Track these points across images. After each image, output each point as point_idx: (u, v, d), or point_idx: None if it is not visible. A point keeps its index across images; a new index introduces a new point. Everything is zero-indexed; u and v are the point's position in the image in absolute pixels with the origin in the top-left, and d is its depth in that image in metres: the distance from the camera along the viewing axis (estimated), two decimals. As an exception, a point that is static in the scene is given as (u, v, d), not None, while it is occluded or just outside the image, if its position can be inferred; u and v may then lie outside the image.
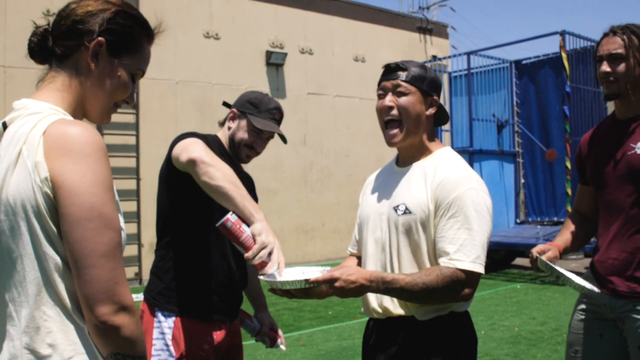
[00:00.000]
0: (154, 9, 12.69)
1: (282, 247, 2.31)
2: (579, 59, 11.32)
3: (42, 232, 1.47)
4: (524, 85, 13.13)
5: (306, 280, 2.17)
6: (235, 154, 3.02)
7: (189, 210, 2.79)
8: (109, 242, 1.47)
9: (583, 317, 2.96)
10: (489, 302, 8.94)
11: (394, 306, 2.37)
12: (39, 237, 1.47)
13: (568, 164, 10.62)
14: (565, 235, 3.03)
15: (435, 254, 2.30)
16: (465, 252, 2.22)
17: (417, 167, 2.44)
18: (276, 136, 3.06)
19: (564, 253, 2.92)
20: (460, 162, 2.41)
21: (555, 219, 12.65)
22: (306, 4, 15.13)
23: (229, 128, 3.04)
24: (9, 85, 10.55)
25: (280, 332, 3.27)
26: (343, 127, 15.57)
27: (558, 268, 2.67)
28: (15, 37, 10.24)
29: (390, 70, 2.43)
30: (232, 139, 3.01)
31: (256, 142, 2.99)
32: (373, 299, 2.44)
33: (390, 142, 2.45)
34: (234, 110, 3.04)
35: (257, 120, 2.95)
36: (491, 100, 13.00)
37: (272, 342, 3.22)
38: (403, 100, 2.38)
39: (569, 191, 10.63)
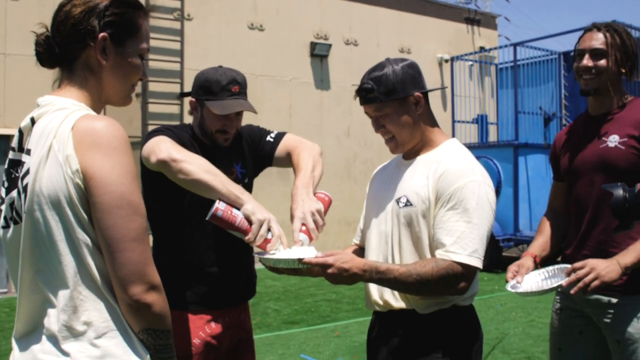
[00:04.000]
0: (199, 0, 12.84)
1: (324, 238, 2.29)
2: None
3: (74, 219, 1.59)
4: (573, 77, 12.70)
5: (299, 260, 2.14)
6: (213, 142, 2.84)
7: (169, 206, 2.73)
8: (138, 227, 1.60)
9: (561, 315, 2.98)
10: (530, 298, 8.79)
11: (395, 299, 2.35)
12: (72, 224, 1.59)
13: (616, 159, 10.34)
14: (540, 240, 3.05)
15: (434, 247, 2.27)
16: (462, 245, 2.17)
17: (422, 159, 2.41)
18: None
19: (543, 258, 2.94)
20: (464, 154, 2.37)
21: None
22: (351, -5, 15.07)
23: (196, 118, 2.89)
24: (8, 73, 10.78)
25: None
26: (387, 119, 15.47)
27: (532, 287, 2.65)
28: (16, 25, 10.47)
29: (362, 95, 2.37)
30: (202, 128, 2.85)
31: (226, 125, 2.80)
32: (374, 291, 2.42)
33: (392, 152, 2.50)
34: (192, 100, 2.88)
35: (215, 105, 2.74)
36: (538, 92, 12.77)
37: None
38: (387, 121, 2.37)
39: (616, 186, 10.35)
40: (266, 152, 2.97)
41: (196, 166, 2.37)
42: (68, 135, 1.59)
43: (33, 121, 1.69)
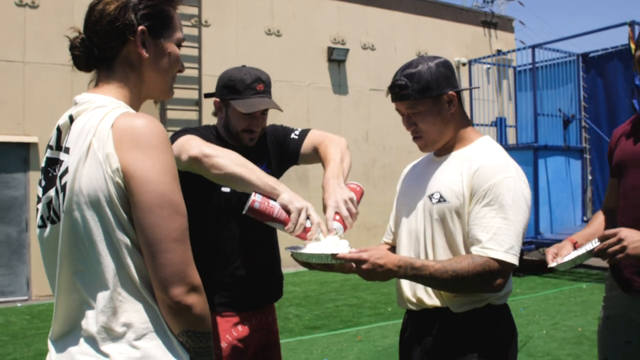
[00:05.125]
0: (216, 6, 12.88)
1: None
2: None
3: (114, 219, 1.56)
4: (592, 79, 12.74)
5: (332, 256, 2.10)
6: (239, 142, 2.82)
7: (195, 208, 2.65)
8: (179, 227, 1.57)
9: (607, 324, 2.87)
10: (553, 301, 8.72)
11: (428, 297, 2.31)
12: (111, 224, 1.56)
13: (637, 160, 10.24)
14: (586, 231, 2.89)
15: (468, 243, 2.24)
16: (498, 241, 2.14)
17: (455, 156, 2.39)
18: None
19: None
20: (499, 150, 2.35)
21: (624, 216, 12.24)
22: (367, 0, 15.06)
23: (221, 119, 2.88)
24: (27, 81, 10.79)
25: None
26: (405, 123, 15.43)
27: (568, 258, 2.54)
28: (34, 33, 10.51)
29: (394, 92, 2.35)
30: (227, 129, 2.83)
31: (252, 124, 2.79)
32: (407, 289, 2.39)
33: (421, 150, 2.47)
34: (216, 100, 2.86)
35: (240, 104, 2.73)
36: (557, 94, 12.70)
37: None
38: (419, 119, 2.35)
39: (638, 187, 10.25)
40: (292, 150, 2.96)
41: (229, 160, 2.36)
42: (108, 133, 1.57)
43: (72, 119, 1.67)
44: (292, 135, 2.97)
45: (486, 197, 2.20)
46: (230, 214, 2.73)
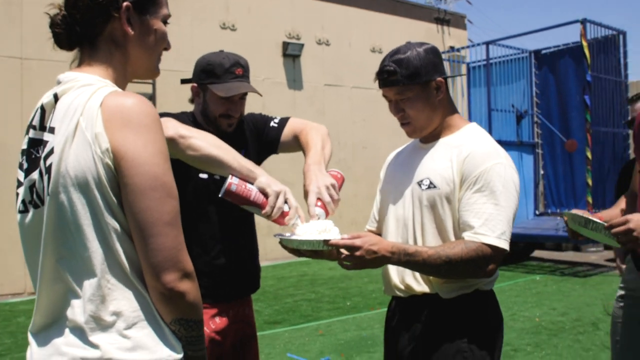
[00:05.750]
0: (171, 0, 12.69)
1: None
2: (600, 48, 11.16)
3: (102, 203, 1.49)
4: (544, 75, 12.96)
5: (324, 242, 2.07)
6: (217, 128, 2.75)
7: None
8: (171, 210, 1.51)
9: (622, 304, 2.90)
10: (509, 293, 8.84)
11: (417, 283, 2.31)
12: (100, 208, 1.49)
13: (588, 154, 10.48)
14: (612, 210, 2.87)
15: (460, 229, 2.24)
16: (490, 227, 2.15)
17: (443, 142, 2.38)
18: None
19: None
20: (487, 137, 2.36)
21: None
22: (323, -5, 15.05)
23: (198, 104, 2.83)
24: (25, 77, 10.52)
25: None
26: (360, 119, 15.48)
27: (586, 216, 2.51)
28: (31, 29, 10.22)
29: (383, 78, 2.33)
30: (205, 114, 2.78)
31: (230, 109, 2.73)
32: (395, 275, 2.38)
33: (409, 136, 2.46)
34: (193, 85, 2.81)
35: (219, 87, 2.69)
36: (510, 90, 12.86)
37: None
38: (408, 105, 2.33)
39: (590, 182, 10.48)
40: (271, 138, 2.91)
41: (206, 142, 2.29)
42: (97, 113, 1.49)
43: (56, 97, 1.58)
44: (272, 124, 2.92)
45: (477, 183, 2.20)
46: (208, 200, 2.68)
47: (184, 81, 2.92)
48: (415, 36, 16.53)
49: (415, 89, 2.30)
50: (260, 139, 2.93)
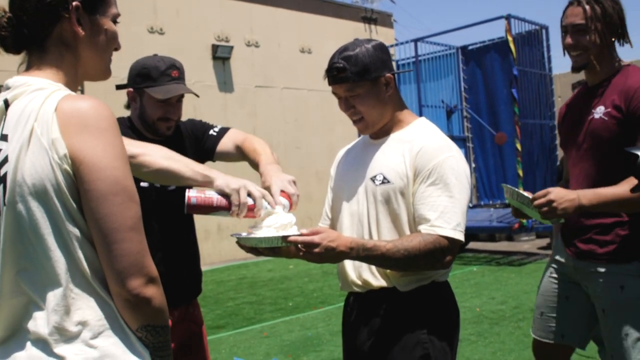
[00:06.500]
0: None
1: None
2: (525, 42, 11.44)
3: (62, 210, 1.45)
4: (471, 70, 13.22)
5: (283, 239, 2.04)
6: (155, 132, 2.79)
7: None
8: (134, 215, 1.48)
9: (550, 279, 3.03)
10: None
11: (375, 278, 2.32)
12: (60, 216, 1.45)
13: (518, 146, 10.73)
14: None
15: (415, 223, 2.26)
16: (446, 219, 2.18)
17: (394, 137, 2.40)
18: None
19: None
20: (437, 131, 2.39)
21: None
22: (251, -4, 14.99)
23: (135, 109, 2.83)
24: None
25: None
26: (292, 119, 15.48)
27: (509, 186, 2.73)
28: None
29: (332, 75, 2.33)
30: (142, 118, 2.79)
31: (168, 112, 2.76)
32: (351, 271, 2.38)
33: (361, 133, 2.47)
34: (129, 90, 2.81)
35: (156, 90, 2.70)
36: (439, 86, 13.08)
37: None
38: (358, 102, 2.33)
39: (521, 173, 10.75)
40: (208, 146, 2.91)
41: (155, 156, 2.23)
42: (52, 118, 1.44)
43: (7, 104, 1.53)
44: (211, 132, 2.93)
45: (431, 176, 2.23)
46: (149, 209, 2.63)
47: (119, 87, 2.88)
48: (343, 35, 16.63)
49: (365, 86, 2.30)
50: (199, 146, 2.92)
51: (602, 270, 2.76)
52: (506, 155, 12.45)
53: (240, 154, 2.83)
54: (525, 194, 2.66)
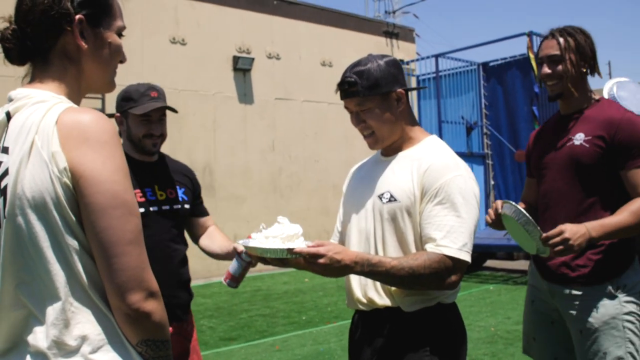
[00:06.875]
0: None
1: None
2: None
3: (62, 223, 1.44)
4: (492, 87, 13.14)
5: (288, 251, 2.05)
6: (143, 150, 3.05)
7: None
8: (134, 228, 1.46)
9: (534, 307, 3.13)
10: (463, 303, 8.89)
11: (379, 297, 2.30)
12: (60, 229, 1.44)
13: (538, 164, 10.61)
14: None
15: (421, 241, 2.24)
16: (452, 239, 2.15)
17: (403, 155, 2.39)
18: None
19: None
20: (447, 150, 2.37)
21: (526, 219, 12.64)
22: (272, 9, 15.04)
23: (123, 132, 3.08)
24: None
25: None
26: (312, 132, 15.49)
27: (521, 209, 2.65)
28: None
29: (343, 89, 2.34)
30: (129, 139, 3.04)
31: (151, 128, 3.02)
32: (357, 289, 2.37)
33: (371, 148, 2.47)
34: (117, 115, 3.08)
35: (137, 109, 2.97)
36: (459, 102, 13.02)
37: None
38: (368, 116, 2.34)
39: (539, 191, 10.62)
40: (192, 210, 3.28)
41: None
42: (52, 130, 1.44)
43: (9, 116, 1.53)
44: (202, 204, 3.42)
45: (438, 195, 2.21)
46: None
47: (110, 116, 3.12)
48: (364, 50, 16.63)
49: (375, 100, 2.31)
50: (193, 198, 3.31)
51: (578, 293, 2.85)
52: (525, 173, 12.29)
53: (198, 232, 3.37)
54: (536, 225, 2.63)
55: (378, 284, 2.30)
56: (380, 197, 2.32)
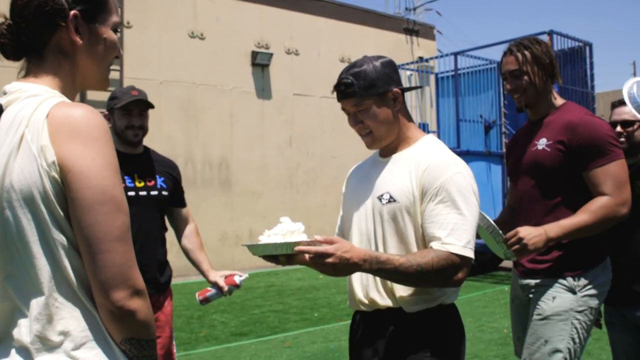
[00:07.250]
0: (139, 7, 12.58)
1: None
2: (567, 59, 11.25)
3: (49, 218, 1.43)
4: (512, 86, 12.99)
5: (293, 246, 2.03)
6: (126, 142, 3.46)
7: None
8: (121, 225, 1.45)
9: (514, 305, 3.26)
10: (477, 304, 8.84)
11: (381, 297, 2.30)
12: (47, 223, 1.43)
13: (556, 165, 10.52)
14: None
15: (422, 241, 2.25)
16: (456, 237, 2.16)
17: (400, 156, 2.40)
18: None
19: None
20: (444, 148, 2.38)
21: (542, 220, 12.54)
22: (292, 4, 15.03)
23: (111, 128, 3.43)
24: None
25: (232, 272, 3.74)
26: (329, 128, 15.46)
27: (487, 217, 2.79)
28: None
29: (340, 90, 2.36)
30: (115, 132, 3.45)
31: (131, 120, 3.45)
32: (359, 290, 2.37)
33: (368, 147, 2.49)
34: (105, 113, 3.48)
35: (119, 104, 3.42)
36: (478, 101, 12.91)
37: (235, 286, 3.63)
38: (366, 117, 2.36)
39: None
40: (172, 198, 3.70)
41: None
42: (42, 124, 1.43)
43: (1, 109, 1.52)
44: (183, 197, 3.84)
45: (439, 194, 2.21)
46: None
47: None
48: (384, 46, 16.60)
49: (372, 100, 2.33)
50: (174, 187, 3.70)
51: (538, 282, 3.01)
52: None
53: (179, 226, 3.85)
54: (499, 231, 2.81)
55: (380, 284, 2.31)
56: (380, 198, 2.33)
